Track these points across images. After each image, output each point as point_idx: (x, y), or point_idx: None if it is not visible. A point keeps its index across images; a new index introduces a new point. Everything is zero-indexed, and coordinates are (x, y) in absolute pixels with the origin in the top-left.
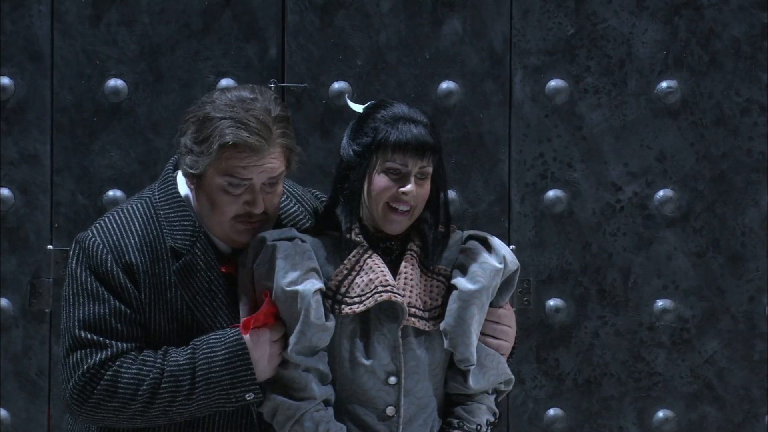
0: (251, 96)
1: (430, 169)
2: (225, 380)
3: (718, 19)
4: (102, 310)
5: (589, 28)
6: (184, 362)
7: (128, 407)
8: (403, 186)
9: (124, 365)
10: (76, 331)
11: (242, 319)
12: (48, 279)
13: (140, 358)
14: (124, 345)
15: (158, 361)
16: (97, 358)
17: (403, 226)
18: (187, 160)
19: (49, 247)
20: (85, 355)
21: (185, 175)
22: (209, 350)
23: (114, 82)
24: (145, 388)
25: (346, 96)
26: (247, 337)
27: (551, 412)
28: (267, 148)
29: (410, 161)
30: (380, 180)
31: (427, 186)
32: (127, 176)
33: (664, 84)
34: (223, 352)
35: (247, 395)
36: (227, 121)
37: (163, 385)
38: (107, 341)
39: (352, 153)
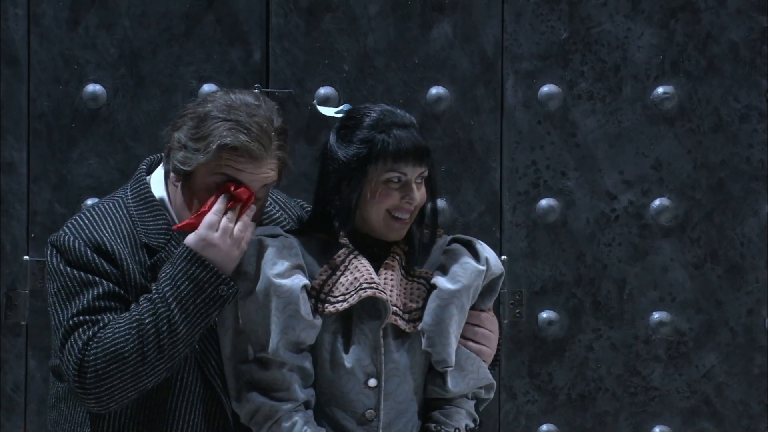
0: (255, 102)
1: (427, 173)
2: (191, 289)
3: (715, 22)
4: (94, 292)
5: (583, 32)
6: (152, 295)
7: (125, 362)
8: (406, 194)
9: (106, 329)
10: (71, 321)
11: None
12: (24, 291)
13: (116, 317)
14: (113, 317)
15: (132, 310)
16: (90, 333)
17: (404, 232)
18: (179, 155)
19: (26, 257)
20: (78, 336)
21: (174, 170)
22: (166, 274)
23: (93, 88)
24: (133, 332)
25: (315, 102)
26: (189, 241)
27: (544, 427)
28: (265, 157)
29: (410, 170)
30: (382, 191)
31: (423, 189)
32: (106, 184)
33: (660, 90)
34: (179, 267)
35: (220, 290)
36: (229, 123)
37: (145, 320)
38: (97, 317)
39: (343, 165)
